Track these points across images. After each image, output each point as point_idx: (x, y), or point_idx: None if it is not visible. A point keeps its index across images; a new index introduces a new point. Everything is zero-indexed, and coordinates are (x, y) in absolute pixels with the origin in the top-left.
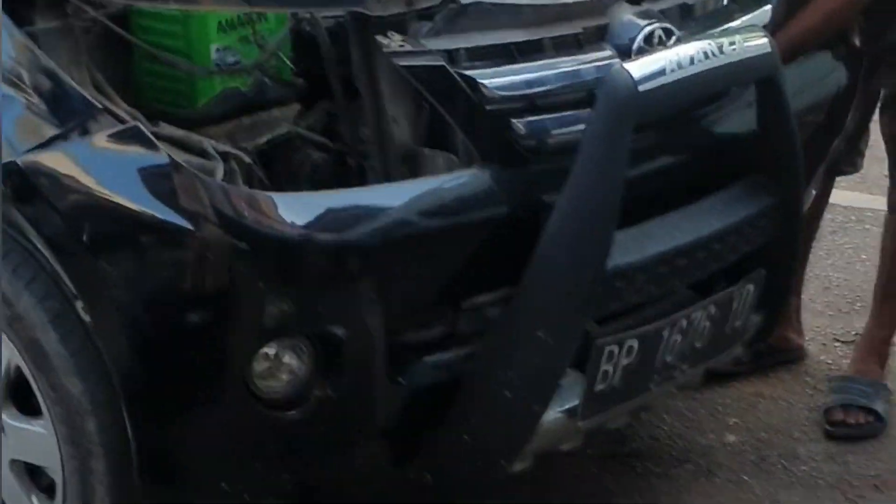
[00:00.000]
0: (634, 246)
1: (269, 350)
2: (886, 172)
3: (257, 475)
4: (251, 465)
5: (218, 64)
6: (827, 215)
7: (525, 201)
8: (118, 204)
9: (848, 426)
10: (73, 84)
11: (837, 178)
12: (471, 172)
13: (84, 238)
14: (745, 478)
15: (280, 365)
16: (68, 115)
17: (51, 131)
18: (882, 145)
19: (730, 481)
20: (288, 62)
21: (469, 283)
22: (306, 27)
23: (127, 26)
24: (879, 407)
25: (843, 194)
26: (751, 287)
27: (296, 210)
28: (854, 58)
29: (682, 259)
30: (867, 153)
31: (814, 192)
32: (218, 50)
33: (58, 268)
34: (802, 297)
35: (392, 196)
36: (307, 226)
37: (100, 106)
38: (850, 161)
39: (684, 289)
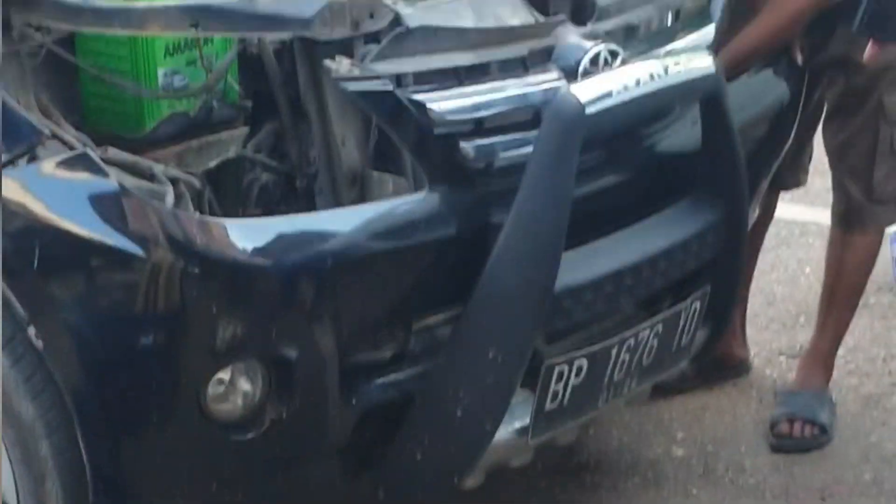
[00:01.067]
0: (582, 265)
1: (223, 374)
2: (829, 186)
3: (212, 495)
4: (206, 485)
5: (165, 87)
6: (771, 229)
7: (474, 222)
8: (68, 230)
9: (793, 438)
10: (20, 110)
11: (781, 192)
12: (420, 195)
13: (34, 263)
14: (693, 490)
15: (234, 389)
16: (16, 142)
17: None
18: (825, 159)
19: (677, 493)
20: (235, 85)
21: (420, 304)
22: (253, 50)
23: (73, 49)
24: (824, 419)
25: (787, 208)
26: (697, 304)
27: (247, 235)
28: (796, 73)
29: (630, 277)
30: (810, 167)
31: (758, 207)
32: (165, 73)
33: (8, 293)
34: (747, 311)
35: (342, 221)
36: (258, 250)
37: (47, 132)
38: (793, 176)
39: (632, 306)
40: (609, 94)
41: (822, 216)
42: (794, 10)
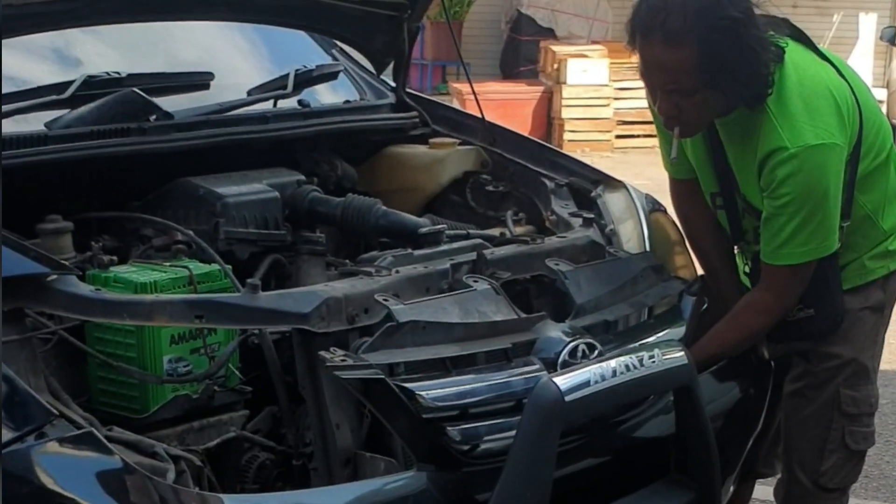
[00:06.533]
0: None
1: None
2: None
3: None
4: None
5: (170, 373)
6: None
7: (459, 499)
8: (73, 501)
9: None
10: (31, 391)
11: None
12: (409, 475)
13: None
14: None
15: None
16: (26, 421)
17: (8, 435)
18: None
19: None
20: (236, 371)
21: None
22: (253, 340)
23: (83, 336)
24: None
25: (764, 489)
26: None
27: None
28: (764, 365)
29: None
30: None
31: (731, 487)
32: (170, 360)
33: None
34: None
35: (334, 497)
36: None
37: (56, 412)
38: (768, 464)
39: None
40: (587, 383)
41: None
42: (753, 331)
